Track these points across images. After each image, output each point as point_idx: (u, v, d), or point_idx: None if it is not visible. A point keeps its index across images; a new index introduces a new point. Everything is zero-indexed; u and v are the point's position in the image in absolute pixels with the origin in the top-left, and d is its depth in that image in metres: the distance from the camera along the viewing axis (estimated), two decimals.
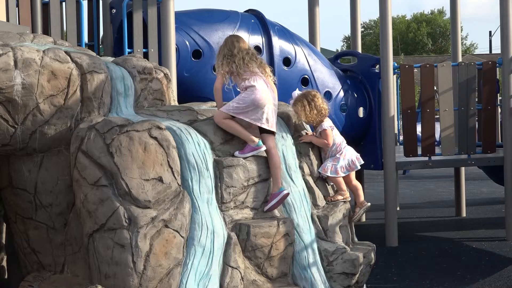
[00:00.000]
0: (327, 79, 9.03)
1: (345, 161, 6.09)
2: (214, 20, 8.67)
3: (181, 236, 5.21)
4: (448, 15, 53.78)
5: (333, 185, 6.13)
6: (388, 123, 8.90)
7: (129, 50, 7.96)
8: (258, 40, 8.61)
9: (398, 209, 10.50)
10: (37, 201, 5.59)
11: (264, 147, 5.65)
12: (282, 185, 5.69)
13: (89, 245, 5.27)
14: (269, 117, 5.72)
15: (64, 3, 8.20)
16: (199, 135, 5.56)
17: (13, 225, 5.86)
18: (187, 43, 8.40)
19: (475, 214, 11.28)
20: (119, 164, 5.16)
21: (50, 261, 5.68)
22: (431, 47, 63.35)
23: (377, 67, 9.29)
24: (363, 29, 61.70)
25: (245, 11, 9.19)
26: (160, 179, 5.21)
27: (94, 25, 8.59)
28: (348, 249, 5.85)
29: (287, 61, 8.77)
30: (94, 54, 6.16)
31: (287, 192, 5.66)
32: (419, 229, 10.13)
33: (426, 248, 8.72)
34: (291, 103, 6.18)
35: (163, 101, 6.20)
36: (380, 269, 7.48)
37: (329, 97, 8.90)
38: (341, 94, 9.09)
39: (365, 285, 6.06)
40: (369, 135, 9.29)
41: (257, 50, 8.52)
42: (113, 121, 5.32)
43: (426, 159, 9.14)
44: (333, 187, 6.14)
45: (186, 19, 8.56)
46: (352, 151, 6.20)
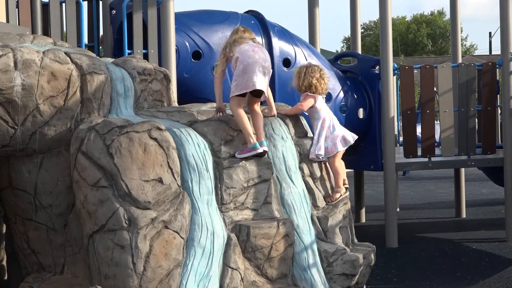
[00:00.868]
0: None
1: (336, 138, 6.11)
2: (214, 21, 8.66)
3: (181, 237, 5.21)
4: (448, 16, 53.80)
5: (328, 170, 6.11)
6: (388, 124, 8.90)
7: (129, 51, 7.96)
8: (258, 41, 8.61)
9: (398, 210, 10.51)
10: (37, 202, 5.59)
11: (260, 149, 5.64)
12: (263, 140, 5.71)
13: (89, 246, 5.27)
14: (259, 79, 5.74)
15: (64, 4, 8.20)
16: (199, 136, 5.56)
17: (13, 226, 5.86)
18: (187, 44, 8.40)
19: (475, 215, 11.27)
20: (119, 165, 5.16)
21: (50, 262, 5.68)
22: (431, 48, 63.37)
23: (377, 68, 9.29)
24: (363, 30, 61.74)
25: (245, 12, 9.18)
26: (160, 180, 5.21)
27: (94, 26, 8.59)
28: (348, 250, 5.85)
29: (287, 62, 8.77)
30: (94, 55, 6.16)
31: (264, 150, 5.65)
32: (419, 230, 10.13)
33: (426, 249, 8.72)
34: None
35: (163, 102, 6.20)
36: (380, 270, 7.48)
37: (329, 98, 8.89)
38: (341, 95, 9.09)
39: (365, 286, 6.06)
40: (369, 136, 9.29)
41: None
42: (113, 122, 5.32)
43: (426, 160, 9.14)
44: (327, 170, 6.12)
45: (186, 20, 8.56)
46: (343, 128, 6.23)
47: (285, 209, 5.75)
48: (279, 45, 8.73)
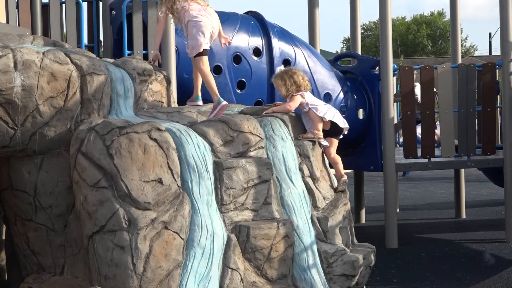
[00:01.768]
0: (327, 80, 9.02)
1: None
2: None
3: (181, 237, 5.21)
4: (447, 16, 53.77)
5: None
6: (388, 124, 8.90)
7: (129, 51, 7.96)
8: (258, 41, 8.61)
9: (398, 210, 10.50)
10: (37, 203, 5.59)
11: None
12: (218, 97, 6.17)
13: (89, 246, 5.27)
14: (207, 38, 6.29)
15: (63, 5, 8.20)
16: (199, 137, 5.56)
17: (13, 226, 5.86)
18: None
19: (475, 216, 11.27)
20: (119, 165, 5.16)
21: (50, 263, 5.68)
22: (431, 48, 63.39)
23: (377, 68, 9.29)
24: (363, 31, 61.75)
25: (245, 13, 9.18)
26: (160, 181, 5.21)
27: (94, 26, 8.59)
28: (348, 250, 5.85)
29: (287, 63, 8.76)
30: (93, 55, 6.16)
31: (225, 103, 6.08)
32: (419, 231, 10.12)
33: (426, 249, 8.72)
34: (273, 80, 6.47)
35: (163, 102, 6.20)
36: (380, 270, 7.48)
37: (328, 98, 8.89)
38: (341, 95, 9.08)
39: (365, 287, 6.06)
40: (369, 137, 9.28)
41: (257, 51, 8.53)
42: (113, 123, 5.32)
43: (426, 160, 9.14)
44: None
45: None
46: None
47: (285, 209, 5.75)
48: (279, 45, 8.72)
